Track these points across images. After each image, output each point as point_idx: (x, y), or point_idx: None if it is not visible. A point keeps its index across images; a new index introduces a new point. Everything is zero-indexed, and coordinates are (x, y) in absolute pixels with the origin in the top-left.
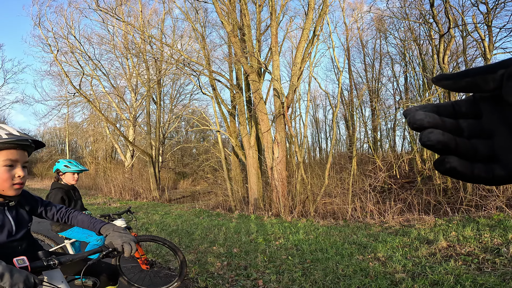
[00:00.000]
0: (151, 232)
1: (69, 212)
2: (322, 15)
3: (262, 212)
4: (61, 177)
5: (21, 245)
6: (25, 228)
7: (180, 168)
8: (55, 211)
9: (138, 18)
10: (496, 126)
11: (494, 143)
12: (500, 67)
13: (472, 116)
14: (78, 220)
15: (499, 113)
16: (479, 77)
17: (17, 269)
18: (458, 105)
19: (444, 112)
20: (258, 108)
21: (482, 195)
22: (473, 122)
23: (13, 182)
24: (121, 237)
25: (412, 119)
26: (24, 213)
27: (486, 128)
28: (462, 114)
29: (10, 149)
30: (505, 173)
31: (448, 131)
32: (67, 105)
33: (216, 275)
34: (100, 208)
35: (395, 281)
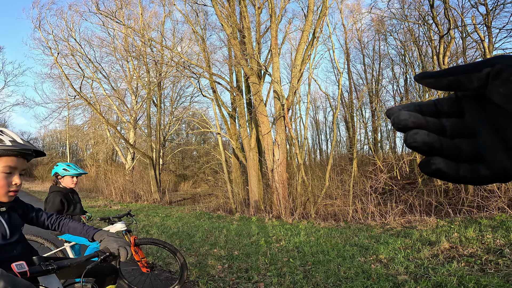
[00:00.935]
0: (152, 234)
1: (60, 220)
2: (321, 17)
3: (263, 214)
4: (59, 181)
5: (16, 248)
6: (19, 232)
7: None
8: (46, 217)
9: (138, 21)
10: (479, 125)
11: (478, 142)
12: (485, 65)
13: (454, 114)
14: (70, 228)
15: (482, 111)
16: (463, 75)
17: (19, 281)
18: (440, 104)
19: (426, 111)
20: (259, 110)
21: (483, 196)
22: (455, 121)
23: (9, 189)
24: (116, 241)
25: (397, 119)
26: (17, 216)
27: (469, 127)
28: (445, 113)
29: (11, 156)
30: (490, 173)
31: (432, 131)
32: (67, 107)
33: (217, 278)
34: (101, 211)
35: (398, 283)
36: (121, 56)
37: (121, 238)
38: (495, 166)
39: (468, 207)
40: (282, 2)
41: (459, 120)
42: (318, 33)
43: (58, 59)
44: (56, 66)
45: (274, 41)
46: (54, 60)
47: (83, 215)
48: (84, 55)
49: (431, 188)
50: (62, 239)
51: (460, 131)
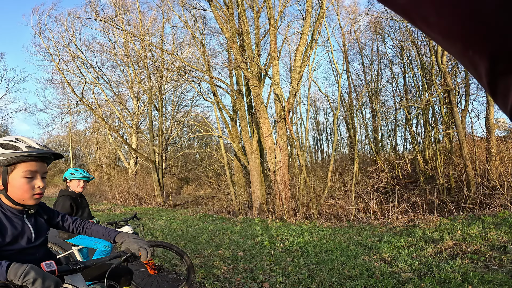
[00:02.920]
0: (157, 237)
1: (84, 223)
2: (319, 20)
3: (266, 215)
4: (68, 185)
5: (39, 252)
6: (44, 236)
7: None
8: (71, 222)
9: (138, 27)
10: None
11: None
12: None
13: None
14: (93, 231)
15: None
16: None
17: (48, 275)
18: None
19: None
20: (259, 112)
21: (486, 193)
22: None
23: (33, 192)
24: (137, 243)
25: None
26: (43, 221)
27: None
28: None
29: (30, 161)
30: None
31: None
32: (70, 113)
33: (222, 278)
34: (106, 215)
35: (402, 280)
36: (122, 61)
37: (141, 239)
38: None
39: (470, 204)
40: (280, 6)
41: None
42: (317, 36)
43: (60, 65)
44: (57, 72)
45: (273, 44)
46: (56, 66)
47: (91, 219)
48: (85, 61)
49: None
50: (70, 243)
51: None
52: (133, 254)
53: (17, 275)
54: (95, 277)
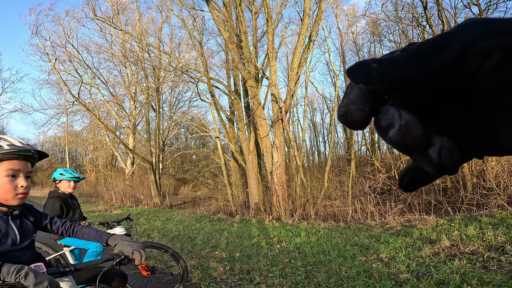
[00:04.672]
0: (153, 238)
1: (74, 226)
2: (317, 21)
3: (263, 216)
4: (57, 185)
5: (25, 255)
6: (30, 239)
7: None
8: (60, 224)
9: (136, 27)
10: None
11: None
12: (467, 49)
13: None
14: (84, 233)
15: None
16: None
17: (39, 272)
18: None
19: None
20: (257, 113)
21: (482, 194)
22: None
23: (16, 192)
24: (130, 245)
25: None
26: (29, 223)
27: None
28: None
29: (12, 159)
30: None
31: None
32: (66, 113)
33: (219, 279)
34: (101, 215)
35: (400, 281)
36: (119, 61)
37: (135, 241)
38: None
39: (467, 205)
40: (279, 7)
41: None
42: (314, 37)
43: (56, 65)
44: (54, 72)
45: (271, 45)
46: (52, 66)
47: (83, 221)
48: (82, 61)
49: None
50: (61, 244)
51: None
52: (127, 257)
53: (10, 272)
54: (86, 279)
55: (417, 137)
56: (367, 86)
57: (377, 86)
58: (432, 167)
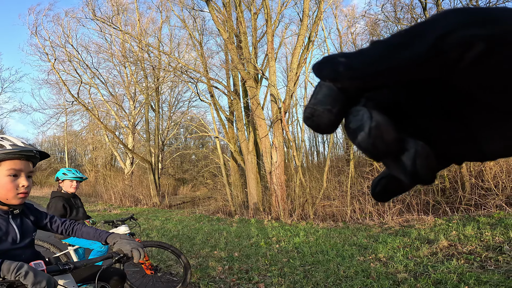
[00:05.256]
0: (152, 237)
1: (74, 225)
2: (316, 22)
3: (262, 216)
4: (60, 185)
5: (24, 253)
6: (30, 238)
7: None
8: (60, 223)
9: (136, 27)
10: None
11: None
12: (443, 41)
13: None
14: (83, 232)
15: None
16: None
17: (39, 271)
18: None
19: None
20: (256, 113)
21: (481, 194)
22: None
23: (17, 191)
24: (129, 244)
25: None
26: (29, 222)
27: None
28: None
29: (14, 159)
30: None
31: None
32: (65, 113)
33: (217, 279)
34: (101, 215)
35: (398, 281)
36: (118, 61)
37: (133, 240)
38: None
39: (465, 205)
40: (278, 8)
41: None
42: (314, 37)
43: (55, 65)
44: (53, 72)
45: (270, 46)
46: (51, 66)
47: (87, 219)
48: (82, 61)
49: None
50: (66, 243)
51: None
52: (126, 255)
53: (10, 270)
54: (86, 278)
55: (389, 142)
56: (334, 84)
57: (346, 84)
58: (405, 175)
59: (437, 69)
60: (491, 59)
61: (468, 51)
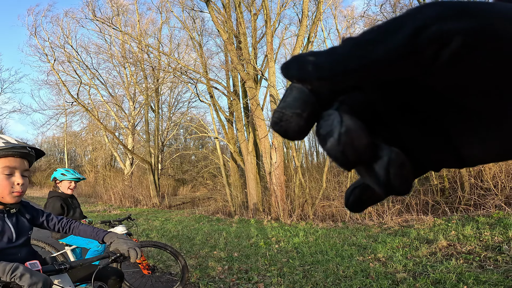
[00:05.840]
0: (152, 238)
1: (71, 223)
2: (316, 22)
3: (261, 216)
4: (58, 185)
5: (20, 252)
6: (26, 236)
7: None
8: (56, 221)
9: (135, 28)
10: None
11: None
12: (418, 35)
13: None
14: (80, 230)
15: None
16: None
17: (35, 272)
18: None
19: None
20: (255, 114)
21: (480, 194)
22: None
23: (12, 190)
24: (126, 243)
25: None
26: (25, 221)
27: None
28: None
29: (8, 157)
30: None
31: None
32: (65, 114)
33: (217, 279)
34: (100, 216)
35: (397, 280)
36: (118, 62)
37: (130, 240)
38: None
39: (464, 205)
40: (278, 9)
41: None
42: (313, 38)
43: (55, 65)
44: (52, 73)
45: (270, 46)
46: (51, 67)
47: (83, 219)
48: (81, 62)
49: (427, 188)
50: (63, 243)
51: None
52: (122, 254)
53: (5, 272)
54: (83, 277)
55: (360, 149)
56: (303, 85)
57: (315, 84)
58: (378, 186)
59: (412, 68)
60: (469, 56)
61: (444, 47)
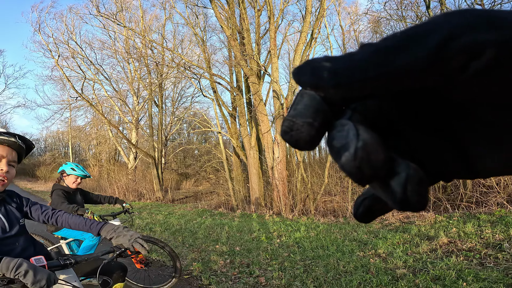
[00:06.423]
0: (155, 231)
1: (57, 215)
2: (319, 19)
3: (263, 210)
4: (64, 178)
5: (18, 241)
6: (18, 225)
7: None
8: (40, 212)
9: (139, 24)
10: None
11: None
12: (443, 47)
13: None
14: (70, 223)
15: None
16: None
17: (40, 268)
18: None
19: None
20: (258, 109)
21: (482, 192)
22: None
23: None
24: (127, 237)
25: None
26: (14, 209)
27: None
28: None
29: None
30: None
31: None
32: (69, 109)
33: (219, 272)
34: (104, 209)
35: (396, 276)
36: (122, 58)
37: (129, 230)
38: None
39: (466, 202)
40: (281, 5)
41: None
42: (316, 34)
43: (59, 61)
44: (57, 69)
45: (273, 42)
46: (55, 63)
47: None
48: (85, 58)
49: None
50: (58, 236)
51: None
52: (127, 249)
53: (9, 268)
54: (87, 272)
55: (377, 165)
56: (317, 92)
57: (329, 92)
58: (393, 202)
59: (435, 79)
60: (499, 69)
61: (475, 58)
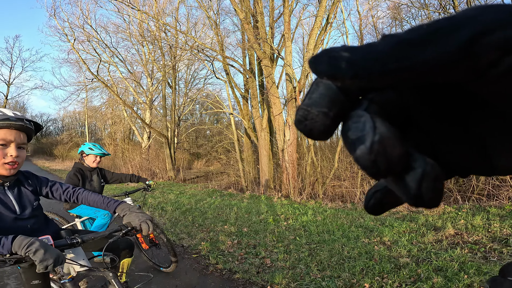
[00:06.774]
0: (167, 211)
1: (78, 192)
2: (335, 3)
3: (272, 193)
4: (84, 158)
5: (29, 223)
6: (31, 207)
7: (195, 149)
8: (62, 191)
9: (153, 7)
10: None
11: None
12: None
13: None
14: (90, 200)
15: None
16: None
17: (52, 248)
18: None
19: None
20: (271, 92)
21: (495, 185)
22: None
23: (4, 161)
24: (138, 217)
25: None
26: (28, 192)
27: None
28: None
29: (4, 128)
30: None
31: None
32: (85, 90)
33: (226, 252)
34: (119, 188)
35: (399, 265)
36: (136, 41)
37: (142, 212)
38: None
39: (478, 195)
40: None
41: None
42: (332, 19)
43: (75, 45)
44: (73, 52)
45: (287, 26)
46: (71, 46)
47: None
48: (101, 41)
49: None
50: (73, 214)
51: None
52: (134, 228)
53: (21, 246)
54: (95, 250)
55: (393, 159)
56: (333, 82)
57: (347, 82)
58: (407, 198)
59: (462, 74)
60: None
61: (506, 55)
